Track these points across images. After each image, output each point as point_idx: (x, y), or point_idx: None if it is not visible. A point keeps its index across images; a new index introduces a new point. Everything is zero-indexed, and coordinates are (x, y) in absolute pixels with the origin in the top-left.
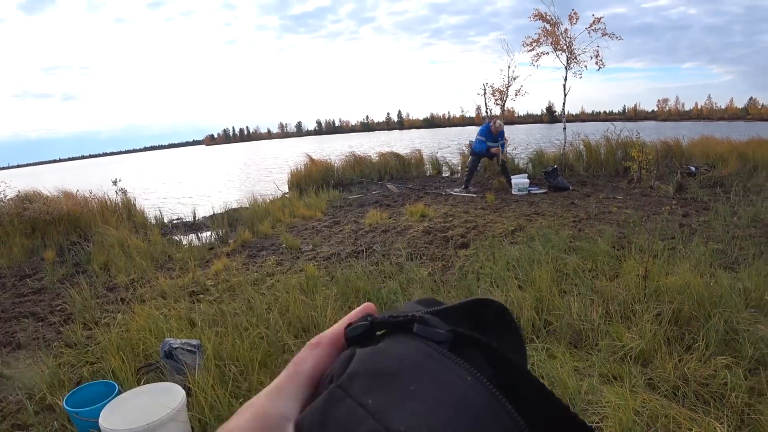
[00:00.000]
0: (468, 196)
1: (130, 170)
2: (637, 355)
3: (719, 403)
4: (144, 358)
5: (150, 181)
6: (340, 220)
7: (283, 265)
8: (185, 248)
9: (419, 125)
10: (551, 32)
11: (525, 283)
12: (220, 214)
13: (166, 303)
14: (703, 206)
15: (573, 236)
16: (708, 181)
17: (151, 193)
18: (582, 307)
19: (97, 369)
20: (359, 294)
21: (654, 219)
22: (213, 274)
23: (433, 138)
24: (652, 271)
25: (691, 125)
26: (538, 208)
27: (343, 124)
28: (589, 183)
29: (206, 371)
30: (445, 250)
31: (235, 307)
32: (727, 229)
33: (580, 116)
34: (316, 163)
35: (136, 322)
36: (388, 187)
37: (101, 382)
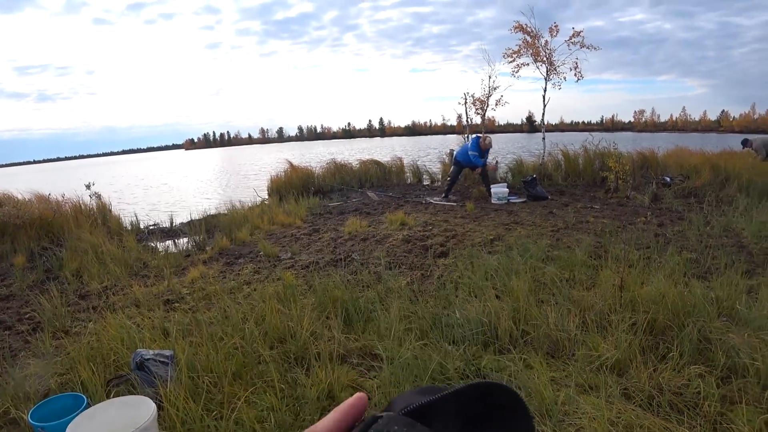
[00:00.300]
0: (448, 205)
1: (107, 174)
2: (613, 365)
3: (692, 412)
4: (115, 369)
5: (127, 186)
6: (319, 228)
7: (260, 273)
8: (161, 255)
9: (401, 133)
10: (531, 44)
11: (503, 292)
12: (198, 220)
13: (139, 312)
14: (677, 216)
15: (551, 246)
16: (682, 192)
17: (128, 198)
18: (559, 316)
19: (65, 381)
20: (337, 304)
21: (630, 229)
22: (189, 282)
23: (414, 146)
24: (628, 281)
25: (666, 136)
26: (517, 217)
27: (325, 130)
28: (567, 192)
29: (179, 383)
30: (424, 259)
31: (211, 316)
32: (700, 238)
33: (559, 126)
34: (297, 169)
35: (107, 331)
36: (368, 194)
37: (69, 394)
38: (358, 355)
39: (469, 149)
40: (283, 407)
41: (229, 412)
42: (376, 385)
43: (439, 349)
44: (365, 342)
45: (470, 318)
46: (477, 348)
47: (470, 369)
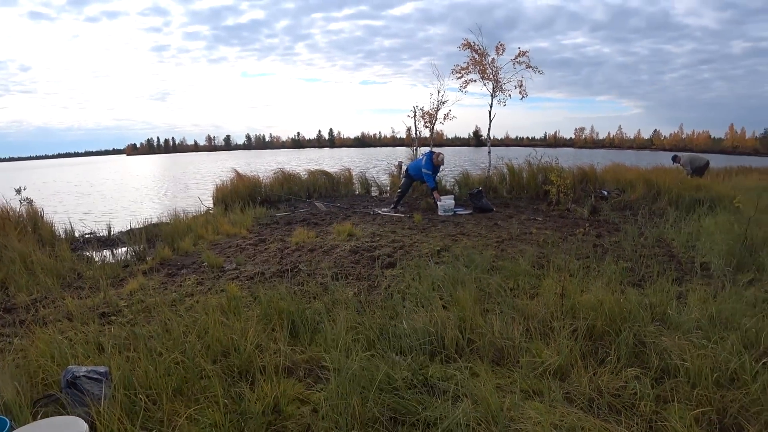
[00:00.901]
0: (396, 216)
1: (41, 178)
2: (556, 371)
3: (630, 412)
4: (43, 388)
5: (61, 192)
6: (266, 238)
7: (204, 284)
8: (97, 265)
9: (350, 144)
10: (479, 61)
11: (449, 302)
12: (138, 229)
13: (72, 325)
14: (614, 227)
15: (496, 256)
16: (618, 205)
17: (62, 205)
18: (504, 325)
19: None
20: (283, 315)
21: (570, 240)
22: (127, 294)
23: (364, 157)
24: (569, 290)
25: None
26: (464, 228)
27: (274, 139)
28: (511, 205)
29: (114, 402)
30: (371, 270)
31: (150, 329)
32: (635, 248)
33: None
34: (243, 178)
35: (36, 347)
36: (316, 205)
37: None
38: (305, 367)
39: (422, 166)
40: (226, 423)
41: (170, 431)
42: (324, 397)
43: (387, 359)
44: (312, 354)
45: (417, 328)
46: (424, 358)
47: (417, 378)
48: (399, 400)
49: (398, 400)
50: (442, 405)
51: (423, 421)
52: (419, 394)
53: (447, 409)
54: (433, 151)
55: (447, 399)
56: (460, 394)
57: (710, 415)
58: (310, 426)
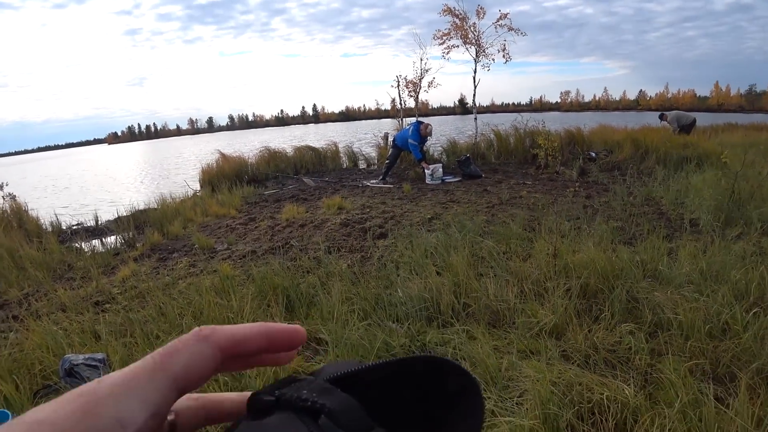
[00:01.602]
0: (385, 187)
1: (22, 173)
2: (551, 330)
3: (625, 366)
4: (42, 379)
5: (45, 185)
6: (255, 217)
7: (196, 266)
8: (87, 255)
9: (335, 118)
10: (460, 26)
11: (443, 269)
12: (126, 216)
13: (66, 316)
14: (603, 188)
15: (487, 221)
16: (607, 165)
17: (46, 197)
18: (498, 288)
19: None
20: (277, 291)
21: (560, 201)
22: (119, 281)
23: (349, 131)
24: (561, 250)
25: (590, 115)
26: (453, 196)
27: (257, 118)
28: (500, 170)
29: None
30: (363, 242)
31: (145, 314)
32: (624, 208)
33: (490, 108)
34: (229, 159)
35: (31, 340)
36: (304, 181)
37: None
38: None
39: (409, 137)
40: None
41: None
42: None
43: (384, 327)
44: (309, 327)
45: (412, 295)
46: (421, 324)
47: (415, 345)
48: None
49: None
50: None
51: None
52: None
53: None
54: (421, 122)
55: None
56: (458, 357)
57: (704, 366)
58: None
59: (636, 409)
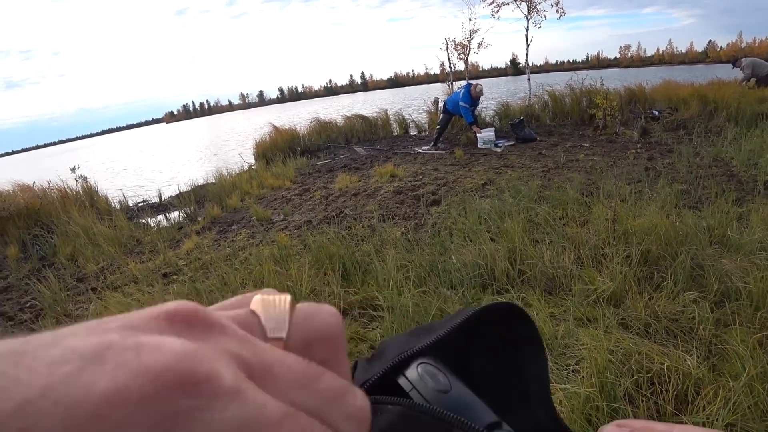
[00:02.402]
0: (437, 153)
1: (89, 155)
2: (609, 297)
3: (688, 336)
4: None
5: (111, 165)
6: (309, 188)
7: (254, 237)
8: (153, 230)
9: (384, 86)
10: None
11: (497, 235)
12: (187, 192)
13: (138, 288)
14: (667, 149)
15: (542, 186)
16: (671, 125)
17: (113, 176)
18: (554, 254)
19: None
20: (333, 259)
21: (620, 164)
22: (184, 254)
23: (399, 98)
24: (621, 215)
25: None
26: (507, 160)
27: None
28: (555, 132)
29: None
30: (416, 209)
31: (210, 284)
32: (690, 170)
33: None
34: (281, 131)
35: (109, 310)
36: (355, 150)
37: None
38: (359, 307)
39: (460, 100)
40: None
41: None
42: (380, 335)
43: (438, 294)
44: (365, 294)
45: (467, 262)
46: (475, 291)
47: None
48: None
49: None
50: None
51: None
52: None
53: None
54: (471, 83)
55: None
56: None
57: None
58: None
59: (698, 380)
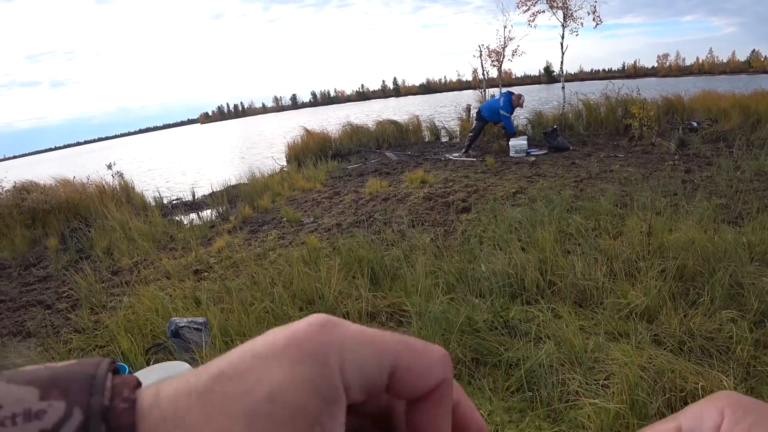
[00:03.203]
0: (468, 161)
1: (126, 153)
2: (643, 312)
3: (725, 356)
4: (152, 338)
5: (147, 163)
6: (339, 191)
7: (284, 238)
8: (186, 228)
9: (416, 91)
10: None
11: (528, 244)
12: (219, 191)
13: (170, 283)
14: (705, 161)
15: (575, 196)
16: (710, 136)
17: (149, 174)
18: (586, 266)
19: (107, 352)
20: (362, 263)
21: (656, 176)
22: (216, 252)
23: (431, 104)
24: (656, 228)
25: (692, 80)
26: (539, 169)
27: (339, 94)
28: (589, 142)
29: (213, 348)
30: (446, 216)
31: (240, 283)
32: (730, 183)
33: (578, 75)
34: (313, 134)
35: (142, 303)
36: (386, 155)
37: None
38: (387, 312)
39: (500, 107)
40: None
41: None
42: None
43: (467, 302)
44: (393, 299)
45: (496, 270)
46: (504, 300)
47: (498, 320)
48: (481, 342)
49: (480, 342)
50: (524, 346)
51: (505, 362)
52: (500, 336)
53: (529, 350)
54: (512, 92)
55: (529, 340)
56: (542, 336)
57: None
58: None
59: None
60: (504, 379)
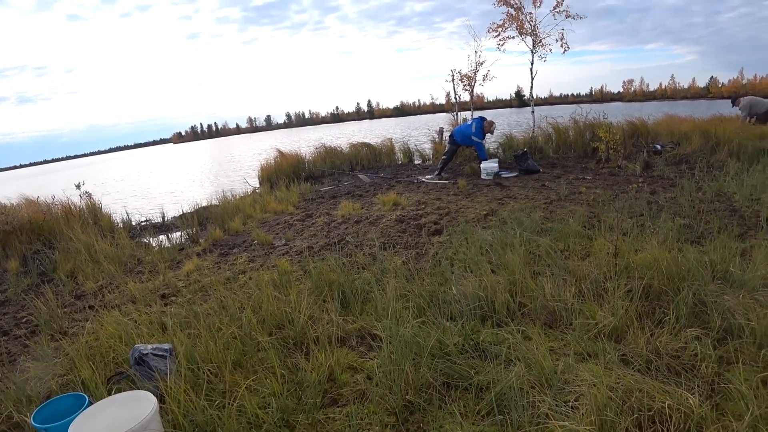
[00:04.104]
0: (440, 183)
1: (96, 173)
2: (611, 332)
3: (690, 374)
4: (114, 366)
5: (117, 183)
6: (312, 213)
7: (255, 261)
8: (155, 250)
9: (390, 114)
10: (515, 17)
11: (498, 266)
12: (190, 213)
13: (136, 308)
14: (669, 183)
15: (544, 218)
16: (673, 159)
17: (118, 194)
18: (555, 287)
19: (66, 381)
20: (333, 287)
21: (622, 197)
22: (184, 275)
23: (404, 126)
24: (622, 249)
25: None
26: (510, 191)
27: (313, 115)
28: (558, 165)
29: (179, 376)
30: (418, 238)
31: (208, 307)
32: (692, 204)
33: (548, 99)
34: (286, 156)
35: (105, 329)
36: (359, 177)
37: (71, 394)
38: (357, 336)
39: (472, 133)
40: (284, 392)
41: (231, 401)
42: (377, 365)
43: (438, 325)
44: (363, 323)
45: (467, 293)
46: (475, 322)
47: (469, 343)
48: (451, 365)
49: (451, 365)
50: (495, 369)
51: (476, 386)
52: (471, 359)
53: (500, 373)
54: (484, 118)
55: (499, 363)
56: (512, 358)
57: None
58: (364, 392)
59: (701, 420)
60: (475, 402)
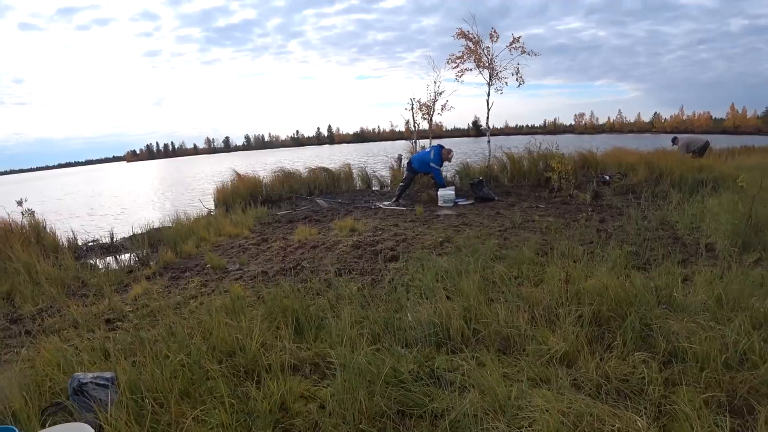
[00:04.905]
0: (398, 209)
1: (42, 188)
2: (562, 357)
3: (638, 397)
4: (51, 396)
5: (63, 200)
6: (268, 237)
7: (207, 286)
8: (101, 272)
9: (350, 140)
10: (474, 50)
11: (453, 293)
12: (141, 234)
13: (78, 333)
14: (617, 212)
15: (499, 245)
16: (621, 189)
17: (65, 213)
18: (509, 313)
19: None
20: (287, 313)
21: (574, 225)
22: (132, 299)
23: (364, 152)
24: (573, 275)
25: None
26: (466, 219)
27: (273, 139)
28: (513, 193)
29: (121, 406)
30: (374, 264)
31: (155, 333)
32: (639, 232)
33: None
34: (244, 179)
35: (42, 356)
36: (317, 202)
37: (0, 427)
38: (311, 363)
39: (430, 160)
40: (234, 423)
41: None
42: (330, 393)
43: (393, 352)
44: (317, 350)
45: (422, 320)
46: (430, 349)
47: (424, 370)
48: (406, 393)
49: (405, 393)
50: (450, 396)
51: (430, 413)
52: (426, 386)
53: (454, 400)
54: (442, 146)
55: (454, 390)
56: (467, 385)
57: (720, 398)
58: (317, 423)
59: None
60: (429, 431)
